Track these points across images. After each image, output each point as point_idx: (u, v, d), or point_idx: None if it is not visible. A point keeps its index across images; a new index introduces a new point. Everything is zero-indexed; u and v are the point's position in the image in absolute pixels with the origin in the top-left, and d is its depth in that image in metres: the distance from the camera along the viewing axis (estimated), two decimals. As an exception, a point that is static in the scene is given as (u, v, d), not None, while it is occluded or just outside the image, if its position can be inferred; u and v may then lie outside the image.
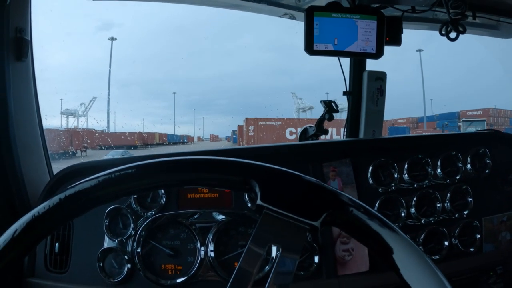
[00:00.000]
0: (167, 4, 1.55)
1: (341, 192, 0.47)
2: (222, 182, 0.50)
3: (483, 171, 1.24)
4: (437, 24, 1.28)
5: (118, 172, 0.47)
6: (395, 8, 1.35)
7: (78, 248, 1.06)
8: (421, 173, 1.20)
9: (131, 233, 1.05)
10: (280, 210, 0.45)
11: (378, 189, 1.15)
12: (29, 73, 1.16)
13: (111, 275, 1.03)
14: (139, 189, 0.50)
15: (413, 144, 1.33)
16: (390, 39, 1.33)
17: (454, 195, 1.19)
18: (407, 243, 0.43)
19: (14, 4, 1.05)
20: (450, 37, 1.13)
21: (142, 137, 19.93)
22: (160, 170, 0.48)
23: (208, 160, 0.49)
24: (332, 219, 0.46)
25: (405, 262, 0.42)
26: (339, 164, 1.14)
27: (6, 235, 0.42)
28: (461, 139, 1.34)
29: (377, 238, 0.44)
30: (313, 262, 1.06)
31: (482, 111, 20.60)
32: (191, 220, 1.07)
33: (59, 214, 0.45)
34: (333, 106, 1.48)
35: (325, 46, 1.26)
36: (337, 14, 1.26)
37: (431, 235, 1.15)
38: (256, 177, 0.47)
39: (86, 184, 0.46)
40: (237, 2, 1.49)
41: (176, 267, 1.06)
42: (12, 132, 1.08)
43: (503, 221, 1.22)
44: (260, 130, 16.51)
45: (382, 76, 1.50)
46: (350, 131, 1.60)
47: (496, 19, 1.55)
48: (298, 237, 0.45)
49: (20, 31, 1.09)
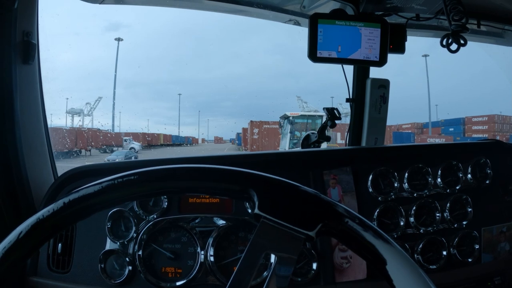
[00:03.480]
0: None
1: (337, 203, 0.48)
2: (221, 190, 0.51)
3: (483, 181, 1.24)
4: (441, 31, 1.28)
5: (121, 178, 0.48)
6: (400, 15, 1.36)
7: (80, 249, 1.08)
8: (421, 182, 1.20)
9: (133, 236, 1.06)
10: (277, 220, 0.46)
11: (377, 198, 1.15)
12: (35, 76, 1.18)
13: (112, 276, 1.05)
14: (140, 196, 0.51)
15: (414, 153, 1.32)
16: (394, 47, 1.33)
17: (454, 205, 1.19)
18: (401, 255, 0.44)
19: (22, 8, 1.07)
20: (451, 49, 1.12)
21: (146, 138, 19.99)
22: (161, 177, 0.50)
23: (208, 169, 0.50)
24: (327, 229, 0.47)
25: (398, 273, 0.43)
26: (339, 172, 1.15)
27: (11, 236, 0.44)
28: (462, 149, 1.33)
29: (371, 249, 0.45)
30: (311, 269, 1.06)
31: (487, 117, 20.44)
32: (192, 225, 1.08)
33: (63, 218, 0.46)
34: (336, 114, 1.49)
35: (329, 54, 1.27)
36: (341, 21, 1.27)
37: (429, 244, 1.14)
38: (254, 187, 0.48)
39: (90, 189, 0.47)
40: (242, 8, 1.50)
41: (176, 270, 1.07)
42: (18, 133, 1.10)
43: (502, 232, 1.21)
44: (264, 133, 16.51)
45: (385, 84, 1.50)
46: (352, 138, 1.59)
47: (501, 27, 1.54)
48: (294, 246, 0.46)
49: (27, 35, 1.10)
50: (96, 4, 1.31)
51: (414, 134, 21.45)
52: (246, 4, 1.47)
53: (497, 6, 1.30)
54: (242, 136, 19.96)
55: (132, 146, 18.06)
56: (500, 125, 20.07)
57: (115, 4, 1.41)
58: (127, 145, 18.33)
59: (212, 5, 1.47)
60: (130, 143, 18.67)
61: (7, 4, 1.02)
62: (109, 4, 1.36)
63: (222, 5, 1.46)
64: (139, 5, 1.46)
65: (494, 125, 19.89)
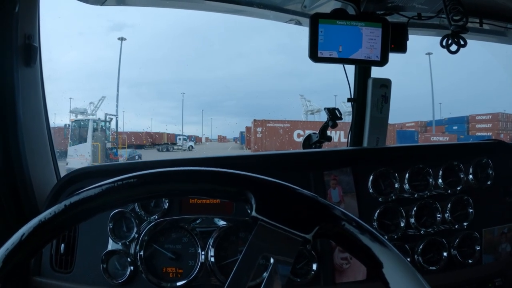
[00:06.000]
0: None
1: (334, 206, 0.48)
2: (219, 192, 0.52)
3: (485, 181, 1.23)
4: (444, 30, 1.27)
5: (121, 181, 0.49)
6: (401, 14, 1.35)
7: (83, 249, 1.09)
8: (422, 183, 1.19)
9: (135, 236, 1.07)
10: (274, 222, 0.47)
11: (378, 199, 1.15)
12: (37, 78, 1.19)
13: (114, 276, 1.06)
14: (140, 198, 0.52)
15: (415, 153, 1.32)
16: (396, 46, 1.32)
17: (455, 206, 1.18)
18: (398, 258, 0.44)
19: (23, 11, 1.08)
20: (450, 50, 1.11)
21: (150, 136, 20.16)
22: (160, 180, 0.50)
23: (206, 171, 0.51)
24: (324, 232, 0.47)
25: (395, 277, 0.43)
26: (339, 173, 1.15)
27: (14, 238, 0.45)
28: (464, 149, 1.32)
29: (368, 252, 0.45)
30: (311, 270, 1.07)
31: (491, 115, 20.30)
32: (193, 225, 1.09)
33: (65, 220, 0.47)
34: (337, 114, 1.48)
35: (330, 54, 1.27)
36: (342, 21, 1.26)
37: (430, 245, 1.14)
38: (251, 189, 0.49)
39: (90, 192, 0.48)
40: (243, 8, 1.50)
41: (178, 270, 1.07)
42: (21, 135, 1.11)
43: (503, 233, 1.20)
44: (267, 132, 16.50)
45: (387, 83, 1.50)
46: (354, 137, 1.59)
47: (503, 25, 1.53)
48: (291, 248, 0.46)
49: (29, 38, 1.11)
50: (97, 5, 1.32)
51: (418, 132, 21.34)
52: (247, 4, 1.47)
53: (499, 4, 1.29)
54: (245, 135, 19.97)
55: (190, 144, 21.09)
56: (504, 123, 19.94)
57: (116, 6, 1.41)
58: (186, 143, 21.02)
59: (212, 6, 1.47)
60: (185, 141, 21.33)
61: (8, 7, 1.03)
62: (110, 6, 1.37)
63: (223, 5, 1.46)
64: (139, 7, 1.46)
65: (498, 124, 19.76)
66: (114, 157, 10.17)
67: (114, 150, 10.66)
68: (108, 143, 10.44)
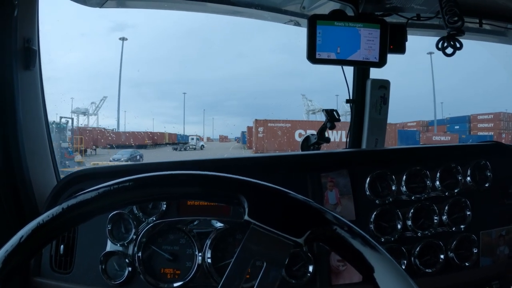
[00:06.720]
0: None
1: (326, 210, 0.48)
2: (213, 196, 0.53)
3: (483, 184, 1.22)
4: (444, 31, 1.26)
5: (117, 185, 0.50)
6: (400, 15, 1.35)
7: (82, 250, 1.10)
8: (419, 185, 1.19)
9: (133, 238, 1.08)
10: (266, 226, 0.47)
11: (375, 201, 1.15)
12: (36, 81, 1.20)
13: (113, 277, 1.06)
14: (136, 201, 0.53)
15: (412, 155, 1.32)
16: (394, 47, 1.32)
17: (452, 208, 1.18)
18: (389, 262, 0.44)
19: (22, 15, 1.09)
20: (446, 53, 1.10)
21: (151, 136, 20.24)
22: (155, 184, 0.51)
23: (200, 175, 0.51)
24: (315, 236, 0.47)
25: (386, 281, 0.43)
26: (336, 175, 1.15)
27: (13, 240, 0.46)
28: (462, 151, 1.32)
29: (359, 257, 0.45)
30: (307, 271, 1.07)
31: (493, 115, 20.19)
32: (190, 227, 1.09)
33: (62, 223, 0.48)
34: (335, 115, 1.49)
35: (328, 55, 1.27)
36: (340, 22, 1.26)
37: (427, 248, 1.13)
38: (244, 193, 0.49)
39: (87, 195, 0.49)
40: (242, 10, 1.50)
41: (175, 271, 1.08)
42: (21, 137, 1.12)
43: (501, 235, 1.19)
44: (269, 132, 16.47)
45: (386, 85, 1.50)
46: (353, 139, 1.59)
47: (503, 26, 1.52)
48: (283, 252, 0.47)
49: (28, 41, 1.12)
50: (96, 8, 1.32)
51: (419, 132, 21.24)
52: (246, 6, 1.47)
53: (499, 4, 1.29)
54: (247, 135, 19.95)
55: (202, 144, 22.20)
56: (506, 123, 19.82)
57: (115, 8, 1.42)
58: (199, 143, 21.91)
59: (211, 8, 1.48)
60: (197, 141, 22.26)
61: (7, 11, 1.04)
62: (109, 8, 1.38)
63: (222, 7, 1.46)
64: (139, 9, 1.47)
65: (500, 123, 19.64)
66: (68, 156, 10.97)
67: (69, 149, 11.36)
68: (64, 143, 11.07)
